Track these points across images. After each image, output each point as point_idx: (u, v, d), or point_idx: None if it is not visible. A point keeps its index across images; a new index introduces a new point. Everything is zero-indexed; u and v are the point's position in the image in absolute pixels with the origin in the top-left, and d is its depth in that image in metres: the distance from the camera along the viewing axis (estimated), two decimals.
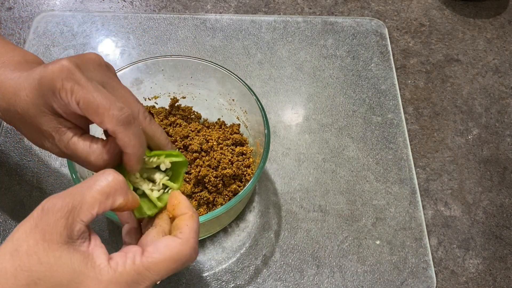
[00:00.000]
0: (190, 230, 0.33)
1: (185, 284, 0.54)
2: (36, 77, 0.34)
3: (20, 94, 0.35)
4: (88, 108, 0.33)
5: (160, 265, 0.30)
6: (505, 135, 0.68)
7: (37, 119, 0.35)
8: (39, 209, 0.29)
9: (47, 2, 0.77)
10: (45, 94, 0.34)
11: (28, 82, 0.35)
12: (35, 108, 0.35)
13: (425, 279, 0.56)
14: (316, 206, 0.60)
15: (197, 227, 0.34)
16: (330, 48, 0.74)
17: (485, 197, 0.63)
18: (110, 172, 0.31)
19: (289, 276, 0.55)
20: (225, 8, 0.78)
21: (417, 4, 0.82)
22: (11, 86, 0.36)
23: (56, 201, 0.29)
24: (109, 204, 0.30)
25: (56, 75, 0.33)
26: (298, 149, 0.64)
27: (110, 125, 0.33)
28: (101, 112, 0.33)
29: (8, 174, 0.59)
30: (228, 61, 0.71)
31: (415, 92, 0.71)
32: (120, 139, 0.34)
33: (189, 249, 0.32)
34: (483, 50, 0.77)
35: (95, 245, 0.30)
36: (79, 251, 0.29)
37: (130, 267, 0.29)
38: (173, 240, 0.32)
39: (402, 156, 0.65)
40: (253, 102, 0.54)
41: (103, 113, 0.33)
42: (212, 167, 0.54)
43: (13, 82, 0.36)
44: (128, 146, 0.34)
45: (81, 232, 0.29)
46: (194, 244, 0.32)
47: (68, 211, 0.28)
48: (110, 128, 0.33)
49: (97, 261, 0.29)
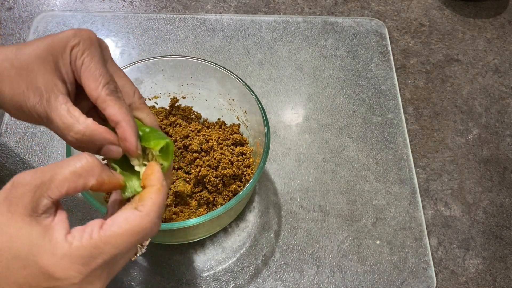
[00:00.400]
0: (153, 204, 0.32)
1: (185, 284, 0.54)
2: (49, 37, 0.36)
3: (25, 49, 0.36)
4: (87, 73, 0.35)
5: (117, 238, 0.29)
6: (505, 135, 0.68)
7: (35, 72, 0.35)
8: (10, 182, 0.29)
9: (47, 2, 0.77)
10: (56, 50, 0.35)
11: (39, 41, 0.36)
12: (38, 62, 0.35)
13: (425, 279, 0.56)
14: (316, 206, 0.60)
15: (162, 201, 0.33)
16: (330, 48, 0.74)
17: (485, 197, 0.63)
18: (84, 155, 0.31)
19: (289, 276, 0.55)
20: (225, 8, 0.78)
21: (417, 4, 0.82)
22: (14, 46, 0.37)
23: (26, 175, 0.29)
24: (80, 184, 0.30)
25: (75, 34, 0.36)
26: (298, 149, 0.64)
27: (103, 93, 0.35)
28: (99, 79, 0.35)
29: (8, 174, 0.59)
30: (228, 61, 0.71)
31: (415, 92, 0.71)
32: (111, 108, 0.35)
33: (149, 223, 0.31)
34: (483, 50, 0.77)
35: (59, 220, 0.30)
36: (41, 225, 0.29)
37: (86, 241, 0.29)
38: (132, 213, 0.31)
39: (402, 156, 0.65)
40: (253, 102, 0.54)
41: (100, 81, 0.35)
42: (212, 167, 0.54)
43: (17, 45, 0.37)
44: (119, 114, 0.35)
45: (46, 207, 0.29)
46: (155, 218, 0.32)
47: (36, 185, 0.29)
48: (102, 96, 0.35)
49: (55, 234, 0.29)
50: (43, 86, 0.35)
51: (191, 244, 0.56)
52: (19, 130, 0.63)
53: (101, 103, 0.35)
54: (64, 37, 0.36)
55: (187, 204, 0.53)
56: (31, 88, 0.35)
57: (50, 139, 0.63)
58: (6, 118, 0.64)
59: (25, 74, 0.35)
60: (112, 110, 0.35)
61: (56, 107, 0.34)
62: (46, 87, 0.35)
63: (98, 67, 0.36)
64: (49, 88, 0.35)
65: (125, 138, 0.35)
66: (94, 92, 0.35)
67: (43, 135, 0.63)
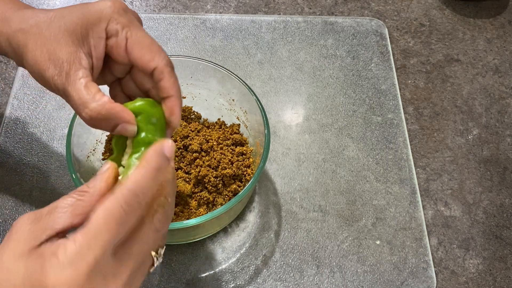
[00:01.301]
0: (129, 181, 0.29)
1: (185, 284, 0.54)
2: (85, 6, 0.36)
3: (57, 18, 0.35)
4: (139, 45, 0.35)
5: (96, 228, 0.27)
6: (505, 135, 0.68)
7: (61, 44, 0.35)
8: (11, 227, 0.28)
9: (47, 2, 0.77)
10: (89, 22, 0.35)
11: (73, 10, 0.36)
12: (67, 33, 0.35)
13: (425, 279, 0.56)
14: (316, 206, 0.60)
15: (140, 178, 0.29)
16: (330, 48, 0.74)
17: (485, 197, 0.63)
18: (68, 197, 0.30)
19: (289, 276, 0.55)
20: (225, 8, 0.78)
21: (417, 4, 0.82)
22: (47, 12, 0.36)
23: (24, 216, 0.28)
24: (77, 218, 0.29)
25: (108, 7, 0.35)
26: (298, 149, 0.64)
27: (161, 63, 0.35)
28: (154, 50, 0.36)
29: (8, 174, 0.59)
30: (228, 61, 0.71)
31: (415, 92, 0.71)
32: (167, 80, 0.36)
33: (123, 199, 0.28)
34: (483, 50, 0.77)
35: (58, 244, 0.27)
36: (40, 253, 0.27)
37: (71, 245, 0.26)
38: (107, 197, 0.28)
39: (402, 156, 0.65)
40: (253, 102, 0.54)
41: (156, 52, 0.36)
42: (212, 167, 0.54)
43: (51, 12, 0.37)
44: (173, 87, 0.36)
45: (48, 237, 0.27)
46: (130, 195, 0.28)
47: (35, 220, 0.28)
48: (160, 66, 0.35)
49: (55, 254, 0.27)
50: (65, 58, 0.34)
51: (191, 244, 0.56)
52: (19, 130, 0.63)
53: (159, 74, 0.36)
54: (96, 10, 0.35)
55: (187, 204, 0.53)
56: (53, 58, 0.35)
57: (50, 139, 0.63)
58: (6, 118, 0.64)
59: (50, 44, 0.35)
60: (167, 83, 0.36)
61: (74, 81, 0.34)
62: (68, 59, 0.34)
63: (148, 38, 0.36)
64: (71, 61, 0.34)
65: (173, 112, 0.36)
66: (152, 63, 0.36)
67: (43, 135, 0.63)
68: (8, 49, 0.37)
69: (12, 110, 0.65)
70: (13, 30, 0.36)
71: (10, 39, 0.37)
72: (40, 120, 0.64)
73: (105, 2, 0.36)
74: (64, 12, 0.36)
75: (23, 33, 0.36)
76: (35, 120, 0.64)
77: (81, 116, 0.35)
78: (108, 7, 0.36)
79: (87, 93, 0.34)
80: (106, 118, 0.34)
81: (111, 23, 0.35)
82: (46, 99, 0.66)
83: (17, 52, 0.37)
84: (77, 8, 0.36)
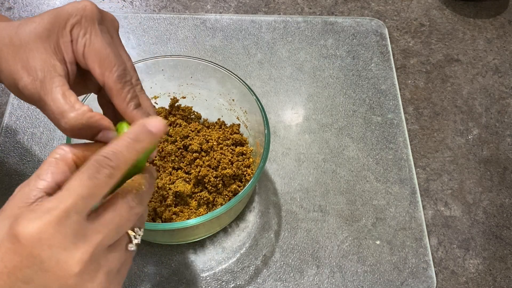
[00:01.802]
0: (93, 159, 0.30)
1: (185, 284, 0.54)
2: (54, 10, 0.34)
3: (26, 26, 0.34)
4: (93, 56, 0.34)
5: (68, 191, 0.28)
6: (505, 135, 0.68)
7: (33, 52, 0.33)
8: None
9: (47, 2, 0.77)
10: (56, 28, 0.33)
11: (41, 17, 0.34)
12: (38, 40, 0.33)
13: (425, 279, 0.56)
14: (316, 206, 0.60)
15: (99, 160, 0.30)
16: (330, 48, 0.74)
17: (485, 197, 0.63)
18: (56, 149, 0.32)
19: (289, 276, 0.55)
20: (225, 8, 0.78)
21: (417, 4, 0.82)
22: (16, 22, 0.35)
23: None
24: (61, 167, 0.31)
25: (76, 10, 0.34)
26: (298, 149, 0.64)
27: (110, 79, 0.34)
28: (106, 63, 0.34)
29: (8, 174, 0.59)
30: (228, 61, 0.71)
31: (415, 92, 0.71)
32: (115, 97, 0.34)
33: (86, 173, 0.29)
34: (483, 50, 0.77)
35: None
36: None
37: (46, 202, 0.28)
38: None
39: (402, 156, 0.65)
40: (253, 102, 0.54)
41: (107, 66, 0.34)
42: (212, 167, 0.54)
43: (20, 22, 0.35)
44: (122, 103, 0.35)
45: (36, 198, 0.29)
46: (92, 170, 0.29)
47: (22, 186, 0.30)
48: (109, 82, 0.34)
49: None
50: (39, 66, 0.33)
51: (191, 244, 0.56)
52: (19, 130, 0.63)
53: (108, 90, 0.35)
54: (64, 13, 0.34)
55: (187, 204, 0.53)
56: (26, 67, 0.33)
57: (50, 139, 0.63)
58: (6, 118, 0.64)
59: (22, 52, 0.33)
60: (116, 100, 0.35)
61: (50, 89, 0.33)
62: (42, 68, 0.33)
63: (105, 49, 0.34)
64: (45, 69, 0.33)
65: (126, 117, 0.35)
66: (101, 78, 0.34)
67: (43, 135, 0.63)
68: None
69: (12, 110, 0.65)
70: None
71: None
72: (40, 120, 0.64)
73: (74, 4, 0.34)
74: (35, 19, 0.35)
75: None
76: (35, 120, 0.64)
77: (60, 126, 0.33)
78: (76, 10, 0.34)
79: (65, 102, 0.32)
80: (87, 127, 0.33)
81: (74, 30, 0.34)
82: None
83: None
84: (48, 13, 0.35)
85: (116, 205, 0.30)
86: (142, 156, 0.33)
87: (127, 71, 0.36)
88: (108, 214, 0.29)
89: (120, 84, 0.34)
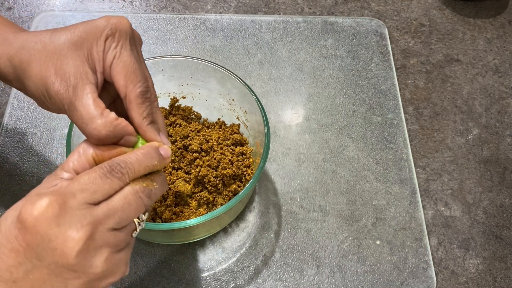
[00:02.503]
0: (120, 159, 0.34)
1: (185, 284, 0.54)
2: (89, 21, 0.36)
3: (61, 34, 0.36)
4: (120, 68, 0.36)
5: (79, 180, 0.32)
6: (505, 135, 0.68)
7: (67, 58, 0.35)
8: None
9: (47, 2, 0.77)
10: (91, 37, 0.35)
11: (76, 27, 0.36)
12: (72, 48, 0.35)
13: (425, 279, 0.56)
14: (316, 206, 0.60)
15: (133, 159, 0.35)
16: (330, 48, 0.74)
17: (485, 197, 0.63)
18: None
19: (289, 276, 0.55)
20: (225, 8, 0.78)
21: (417, 4, 0.82)
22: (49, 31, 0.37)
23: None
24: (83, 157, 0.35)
25: (111, 23, 0.36)
26: (298, 149, 0.64)
27: (133, 93, 0.36)
28: (132, 77, 0.36)
29: (8, 174, 0.59)
30: (228, 61, 0.71)
31: (415, 92, 0.71)
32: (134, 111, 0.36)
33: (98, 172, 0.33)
34: (483, 50, 0.77)
35: None
36: None
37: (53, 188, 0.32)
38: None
39: (402, 156, 0.65)
40: (253, 102, 0.54)
41: (132, 80, 0.36)
42: (212, 167, 0.54)
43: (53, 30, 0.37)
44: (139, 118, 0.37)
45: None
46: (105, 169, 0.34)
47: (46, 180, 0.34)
48: (131, 96, 0.36)
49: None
50: (72, 72, 0.35)
51: (191, 244, 0.56)
52: (19, 130, 0.63)
53: (128, 103, 0.37)
54: (100, 24, 0.36)
55: (187, 204, 0.53)
56: (59, 73, 0.35)
57: (50, 139, 0.63)
58: (6, 118, 0.64)
59: (56, 58, 0.35)
60: (133, 113, 0.37)
61: (82, 96, 0.34)
62: (75, 74, 0.35)
63: (133, 64, 0.36)
64: (78, 75, 0.35)
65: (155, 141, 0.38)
66: (123, 90, 0.36)
67: (43, 135, 0.63)
68: (9, 69, 0.37)
69: (12, 110, 0.65)
70: (15, 48, 0.36)
71: (12, 57, 0.36)
72: (40, 120, 0.64)
73: (110, 17, 0.36)
74: (69, 28, 0.36)
75: (27, 50, 0.36)
76: (35, 120, 0.64)
77: (87, 132, 0.35)
78: (111, 23, 0.36)
79: (95, 109, 0.34)
80: (113, 134, 0.35)
81: (109, 39, 0.36)
82: None
83: (19, 70, 0.36)
84: (84, 23, 0.36)
85: (124, 192, 0.33)
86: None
87: (149, 89, 0.38)
88: (116, 199, 0.32)
89: (140, 100, 0.37)
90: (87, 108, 0.34)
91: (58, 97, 0.35)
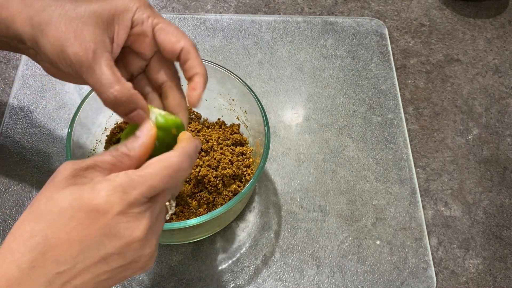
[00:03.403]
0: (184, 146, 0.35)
1: (185, 284, 0.54)
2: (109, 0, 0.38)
3: (84, 4, 0.37)
4: (165, 30, 0.39)
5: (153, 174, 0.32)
6: (505, 135, 0.68)
7: (88, 26, 0.36)
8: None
9: None
10: (116, 10, 0.37)
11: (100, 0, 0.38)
12: (93, 17, 0.36)
13: (425, 279, 0.56)
14: (316, 206, 0.60)
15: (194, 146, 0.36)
16: (330, 48, 0.74)
17: (485, 197, 0.63)
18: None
19: (289, 276, 0.55)
20: (225, 8, 0.78)
21: (417, 4, 0.82)
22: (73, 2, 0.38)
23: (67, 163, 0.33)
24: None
25: (136, 1, 0.39)
26: (298, 149, 0.64)
27: (188, 44, 0.38)
28: (180, 34, 0.39)
29: (8, 174, 0.59)
30: (228, 61, 0.71)
31: (415, 92, 0.71)
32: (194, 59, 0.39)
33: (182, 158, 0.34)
34: (483, 50, 0.77)
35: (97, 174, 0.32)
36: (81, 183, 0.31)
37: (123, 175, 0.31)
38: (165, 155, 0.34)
39: (402, 156, 0.65)
40: (253, 102, 0.54)
41: (182, 35, 0.39)
42: (212, 167, 0.54)
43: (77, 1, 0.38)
44: (200, 66, 0.39)
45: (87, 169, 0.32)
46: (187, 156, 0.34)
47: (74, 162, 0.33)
48: (187, 46, 0.38)
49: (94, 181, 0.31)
50: (92, 38, 0.36)
51: (191, 244, 0.56)
52: (19, 130, 0.63)
53: (186, 54, 0.39)
54: (125, 2, 0.38)
55: (187, 204, 0.53)
56: (79, 37, 0.36)
57: (50, 139, 0.63)
58: (6, 118, 0.64)
59: (77, 23, 0.36)
60: (194, 62, 0.39)
61: (101, 61, 0.35)
62: (95, 40, 0.36)
63: (173, 25, 0.40)
64: (98, 42, 0.36)
65: (194, 88, 0.40)
66: (178, 44, 0.38)
67: (43, 135, 0.63)
68: (25, 28, 0.37)
69: (12, 110, 0.65)
70: (36, 10, 0.37)
71: (32, 17, 0.37)
72: (40, 120, 0.64)
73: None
74: (92, 1, 0.38)
75: (48, 13, 0.37)
76: (35, 120, 0.64)
77: (104, 96, 0.36)
78: (135, 1, 0.38)
79: (113, 75, 0.35)
80: (128, 101, 0.36)
81: (137, 13, 0.38)
82: (46, 99, 0.66)
83: (37, 30, 0.37)
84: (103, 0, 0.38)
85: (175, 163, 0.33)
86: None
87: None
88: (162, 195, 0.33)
89: (195, 48, 0.39)
90: (106, 73, 0.35)
91: (76, 59, 0.36)
